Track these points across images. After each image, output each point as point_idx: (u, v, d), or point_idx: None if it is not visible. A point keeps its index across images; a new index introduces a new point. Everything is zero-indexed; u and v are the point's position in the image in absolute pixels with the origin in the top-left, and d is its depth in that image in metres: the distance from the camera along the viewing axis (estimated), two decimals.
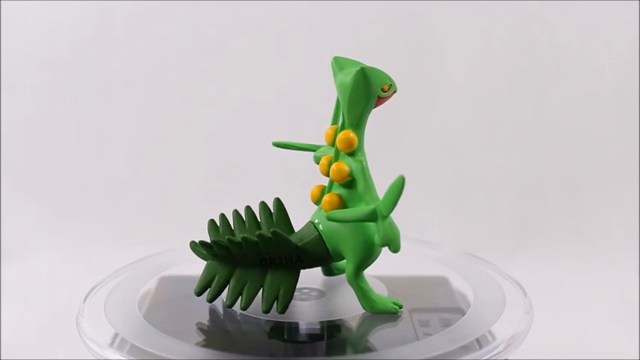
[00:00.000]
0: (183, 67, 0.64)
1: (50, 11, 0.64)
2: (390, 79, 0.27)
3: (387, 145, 0.61)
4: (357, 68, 0.27)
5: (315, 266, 0.29)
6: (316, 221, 0.29)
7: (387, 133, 0.61)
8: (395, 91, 0.28)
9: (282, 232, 0.28)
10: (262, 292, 0.28)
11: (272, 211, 0.30)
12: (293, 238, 0.28)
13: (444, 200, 0.62)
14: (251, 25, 0.64)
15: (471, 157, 0.63)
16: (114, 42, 0.64)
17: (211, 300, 0.28)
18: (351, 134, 0.27)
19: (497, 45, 0.63)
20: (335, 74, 0.28)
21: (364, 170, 0.27)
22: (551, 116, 0.63)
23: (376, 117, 0.28)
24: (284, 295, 0.28)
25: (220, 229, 0.29)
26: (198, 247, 0.29)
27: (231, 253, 0.28)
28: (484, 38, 0.63)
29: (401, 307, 0.29)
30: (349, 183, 0.28)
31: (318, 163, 0.29)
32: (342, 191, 0.28)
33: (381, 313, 0.28)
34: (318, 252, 0.28)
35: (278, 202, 0.30)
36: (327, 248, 0.28)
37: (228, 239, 0.28)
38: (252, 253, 0.28)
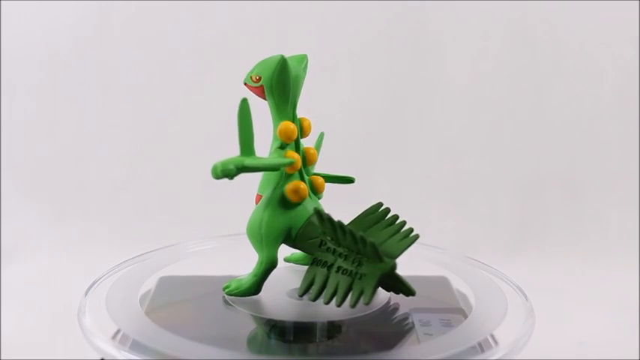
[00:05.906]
0: (182, 67, 0.64)
1: (50, 11, 0.64)
2: None
3: (386, 145, 0.61)
4: (305, 58, 0.30)
5: None
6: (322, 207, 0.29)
7: (387, 133, 0.61)
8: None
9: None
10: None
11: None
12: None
13: (444, 200, 0.62)
14: (251, 25, 0.64)
15: (471, 157, 0.63)
16: (114, 42, 0.64)
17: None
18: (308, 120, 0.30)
19: (497, 45, 0.63)
20: (292, 71, 0.30)
21: None
22: (551, 116, 0.63)
23: (376, 117, 0.28)
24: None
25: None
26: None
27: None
28: (484, 38, 0.63)
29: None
30: None
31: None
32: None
33: None
34: None
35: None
36: None
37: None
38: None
